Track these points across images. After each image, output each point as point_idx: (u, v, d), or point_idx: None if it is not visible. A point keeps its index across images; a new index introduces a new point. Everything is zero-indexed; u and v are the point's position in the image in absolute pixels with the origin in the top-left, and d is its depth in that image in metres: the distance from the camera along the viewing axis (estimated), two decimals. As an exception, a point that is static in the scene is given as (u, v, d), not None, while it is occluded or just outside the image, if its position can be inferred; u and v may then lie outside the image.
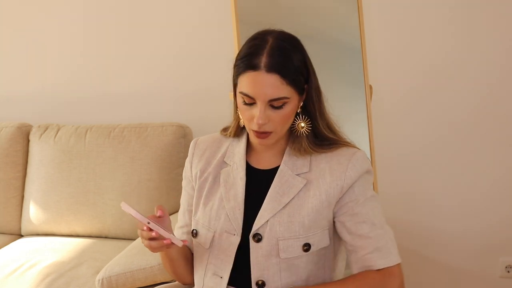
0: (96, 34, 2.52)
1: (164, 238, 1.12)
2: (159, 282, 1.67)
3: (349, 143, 1.24)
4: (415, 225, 2.36)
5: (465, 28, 2.21)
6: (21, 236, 2.36)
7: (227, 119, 1.31)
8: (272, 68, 1.10)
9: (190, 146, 1.35)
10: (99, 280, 1.71)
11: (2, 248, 2.19)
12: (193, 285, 1.31)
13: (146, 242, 1.14)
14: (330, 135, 1.22)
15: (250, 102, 1.14)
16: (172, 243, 1.13)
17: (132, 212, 1.10)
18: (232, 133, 1.29)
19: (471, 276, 2.35)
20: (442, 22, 2.22)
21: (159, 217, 1.17)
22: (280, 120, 1.15)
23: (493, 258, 2.32)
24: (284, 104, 1.13)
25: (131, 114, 2.48)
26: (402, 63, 2.26)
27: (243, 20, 2.00)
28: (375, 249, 1.17)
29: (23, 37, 2.59)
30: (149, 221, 1.11)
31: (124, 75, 2.52)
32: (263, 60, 1.11)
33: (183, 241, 1.14)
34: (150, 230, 1.11)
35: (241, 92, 1.14)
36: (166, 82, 2.47)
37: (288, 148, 1.23)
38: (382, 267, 1.17)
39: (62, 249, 2.10)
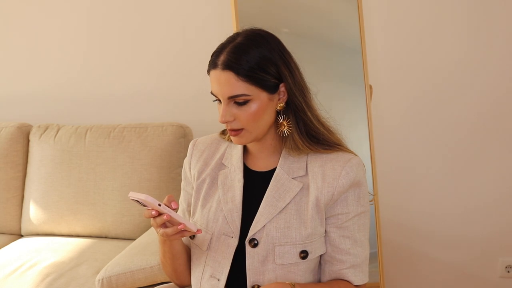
0: (96, 35, 2.52)
1: (178, 224, 1.11)
2: (159, 282, 1.67)
3: (345, 146, 1.22)
4: (415, 224, 2.36)
5: (465, 27, 2.21)
6: (21, 236, 2.36)
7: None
8: (226, 65, 1.11)
9: (189, 147, 1.34)
10: (99, 280, 1.71)
11: (2, 248, 2.18)
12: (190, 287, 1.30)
13: (161, 230, 1.12)
14: (323, 130, 1.20)
15: (218, 99, 1.16)
16: (186, 230, 1.11)
17: (142, 196, 1.07)
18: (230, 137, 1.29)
19: (471, 276, 2.35)
20: (442, 22, 2.22)
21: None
22: (247, 118, 1.14)
23: (493, 258, 2.32)
24: (247, 101, 1.13)
25: (131, 114, 2.48)
26: (402, 63, 2.26)
27: (243, 20, 2.00)
28: (351, 265, 1.18)
29: (23, 37, 2.59)
30: (160, 203, 1.09)
31: (124, 75, 2.52)
32: (221, 58, 1.13)
33: (198, 230, 1.12)
34: (160, 215, 1.09)
35: (210, 91, 1.17)
36: (166, 82, 2.47)
37: (284, 150, 1.22)
38: (357, 284, 1.19)
39: (62, 249, 2.10)
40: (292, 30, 2.06)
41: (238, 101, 1.13)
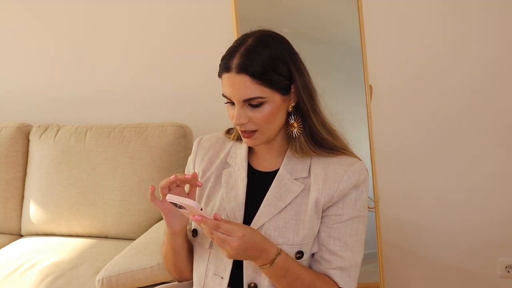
0: (96, 34, 2.52)
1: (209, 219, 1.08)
2: (159, 282, 1.67)
3: (350, 150, 1.23)
4: (414, 224, 2.36)
5: (465, 28, 2.21)
6: (21, 236, 2.36)
7: (227, 119, 1.31)
8: (241, 69, 1.11)
9: (194, 144, 1.35)
10: (99, 280, 1.71)
11: (2, 248, 2.19)
12: (191, 283, 1.30)
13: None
14: (328, 136, 1.20)
15: (231, 101, 1.16)
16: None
17: (186, 201, 1.05)
18: (236, 137, 1.30)
19: (471, 276, 2.35)
20: (442, 22, 2.22)
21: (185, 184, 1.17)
22: (261, 120, 1.14)
23: (493, 258, 2.33)
24: (262, 103, 1.13)
25: (131, 114, 2.48)
26: (402, 63, 2.26)
27: (243, 20, 2.00)
28: (338, 267, 1.17)
29: (22, 37, 2.59)
30: (202, 207, 1.07)
31: (124, 75, 2.52)
32: (235, 61, 1.12)
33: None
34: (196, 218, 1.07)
35: (222, 93, 1.17)
36: (166, 82, 2.47)
37: (288, 151, 1.23)
38: (342, 286, 1.18)
39: (62, 249, 2.10)
40: (292, 30, 2.06)
41: (253, 103, 1.13)
